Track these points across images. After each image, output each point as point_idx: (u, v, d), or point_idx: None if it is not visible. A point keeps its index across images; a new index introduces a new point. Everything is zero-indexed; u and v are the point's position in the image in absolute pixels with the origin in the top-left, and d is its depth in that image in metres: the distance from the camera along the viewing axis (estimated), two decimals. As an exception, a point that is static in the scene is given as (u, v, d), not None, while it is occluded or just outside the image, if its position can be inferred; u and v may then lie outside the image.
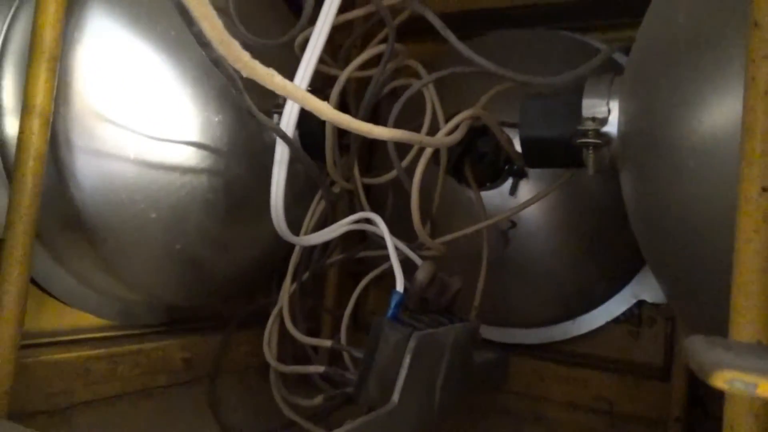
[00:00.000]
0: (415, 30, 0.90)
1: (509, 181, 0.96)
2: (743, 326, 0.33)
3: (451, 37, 0.62)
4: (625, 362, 1.05)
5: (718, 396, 0.30)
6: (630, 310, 1.06)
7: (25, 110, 0.61)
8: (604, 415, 1.00)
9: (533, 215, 0.97)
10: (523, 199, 0.91)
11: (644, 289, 1.04)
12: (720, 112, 0.43)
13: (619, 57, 0.98)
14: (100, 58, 0.71)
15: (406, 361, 0.63)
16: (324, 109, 0.46)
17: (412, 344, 0.63)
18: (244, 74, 0.37)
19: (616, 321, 1.06)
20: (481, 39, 1.16)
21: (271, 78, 0.39)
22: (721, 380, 0.22)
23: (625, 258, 1.01)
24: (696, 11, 0.50)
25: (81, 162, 0.71)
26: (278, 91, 0.41)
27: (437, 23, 0.65)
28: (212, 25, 0.31)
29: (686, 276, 0.53)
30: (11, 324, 0.59)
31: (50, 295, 0.78)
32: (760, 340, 0.32)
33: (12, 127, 0.70)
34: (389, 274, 0.76)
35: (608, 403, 1.00)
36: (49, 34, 0.61)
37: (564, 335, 1.07)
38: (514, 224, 0.94)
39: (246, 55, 0.36)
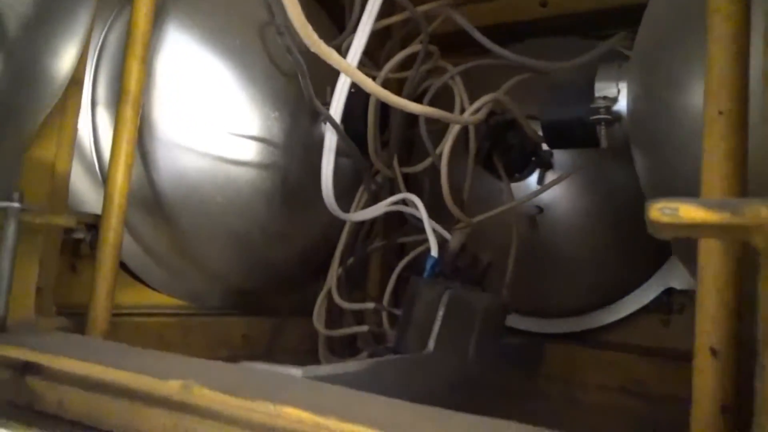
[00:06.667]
0: (453, 44, 1.01)
1: (536, 173, 1.04)
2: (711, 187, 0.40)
3: (476, 33, 0.72)
4: (657, 349, 1.09)
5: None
6: (659, 298, 1.10)
7: (121, 98, 0.72)
8: (639, 396, 1.04)
9: (560, 203, 1.05)
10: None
11: (672, 276, 1.08)
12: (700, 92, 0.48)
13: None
14: (176, 66, 0.85)
15: (440, 313, 0.71)
16: (369, 84, 0.57)
17: (445, 299, 0.72)
18: (312, 49, 0.48)
19: (647, 310, 1.10)
20: (514, 46, 1.25)
21: (329, 54, 0.50)
22: (655, 210, 0.30)
23: (651, 246, 1.06)
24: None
25: (161, 152, 0.84)
26: (334, 65, 0.52)
27: (466, 25, 0.75)
28: (295, 11, 0.43)
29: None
30: (105, 298, 0.69)
31: (131, 274, 0.90)
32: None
33: (102, 118, 0.83)
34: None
35: (641, 384, 1.04)
36: (141, 32, 0.72)
37: (595, 323, 1.12)
38: (540, 210, 1.02)
39: (315, 35, 0.47)
